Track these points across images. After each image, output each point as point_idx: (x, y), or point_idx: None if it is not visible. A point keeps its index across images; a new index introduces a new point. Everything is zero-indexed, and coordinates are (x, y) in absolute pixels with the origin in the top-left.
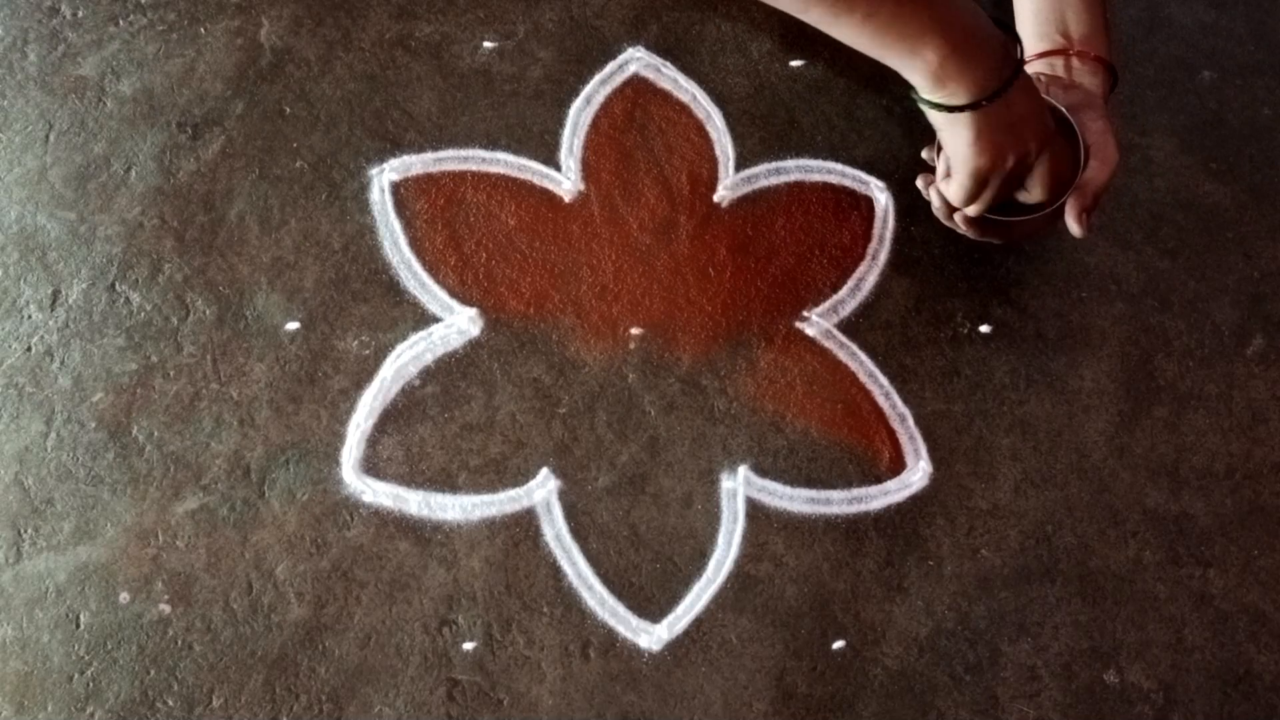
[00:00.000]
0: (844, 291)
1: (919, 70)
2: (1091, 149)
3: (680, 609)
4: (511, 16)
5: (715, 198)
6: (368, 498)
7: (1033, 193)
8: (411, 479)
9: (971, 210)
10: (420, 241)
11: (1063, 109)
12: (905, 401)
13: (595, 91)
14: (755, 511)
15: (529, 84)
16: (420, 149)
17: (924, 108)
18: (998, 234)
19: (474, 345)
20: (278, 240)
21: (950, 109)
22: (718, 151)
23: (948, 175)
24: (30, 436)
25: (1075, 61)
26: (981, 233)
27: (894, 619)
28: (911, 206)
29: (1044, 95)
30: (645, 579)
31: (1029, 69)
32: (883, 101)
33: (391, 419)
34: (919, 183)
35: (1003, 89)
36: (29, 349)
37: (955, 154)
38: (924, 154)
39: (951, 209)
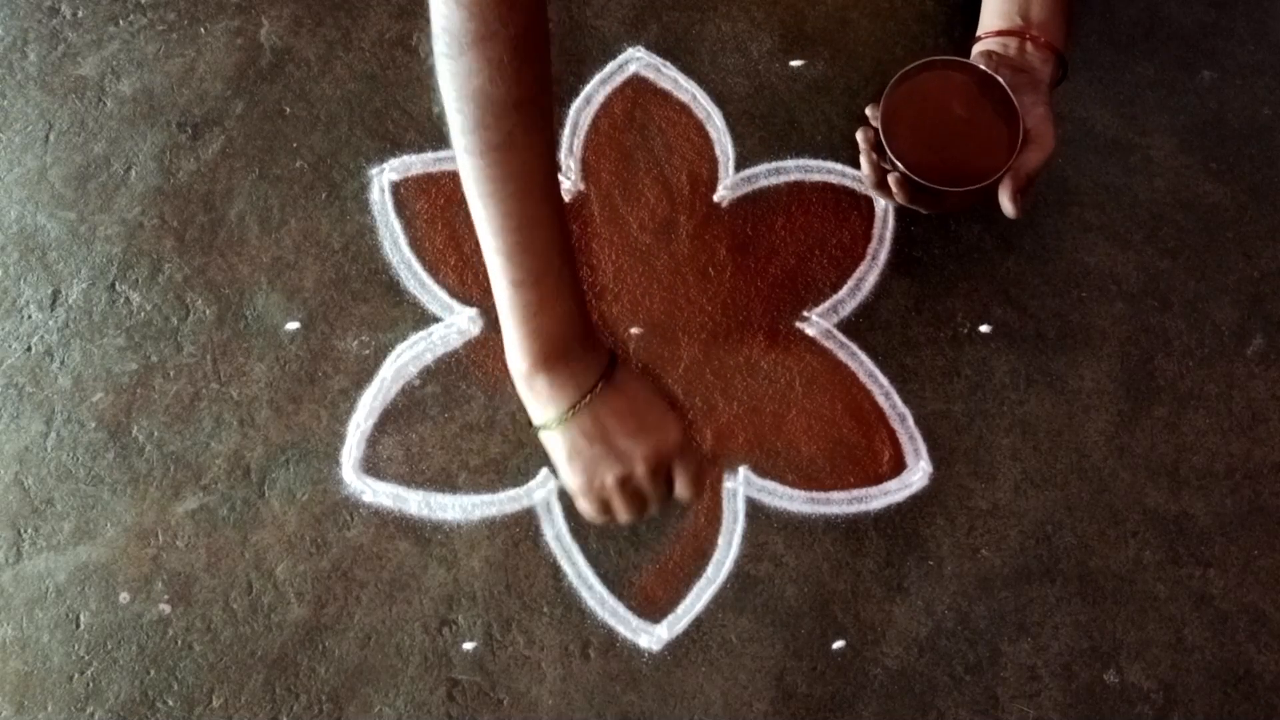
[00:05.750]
0: (844, 291)
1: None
2: (1030, 133)
3: (680, 609)
4: None
5: (715, 198)
6: (368, 498)
7: (680, 491)
8: (411, 479)
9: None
10: (420, 241)
11: (1007, 87)
12: (905, 401)
13: (595, 91)
14: (755, 511)
15: None
16: (420, 149)
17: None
18: (927, 203)
19: (474, 345)
20: (278, 240)
21: (537, 429)
22: (718, 151)
23: (879, 139)
24: (30, 436)
25: (1029, 45)
26: (911, 199)
27: (894, 619)
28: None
29: (992, 73)
30: (645, 579)
31: (983, 45)
32: None
33: (391, 419)
34: (858, 135)
35: (573, 407)
36: (29, 349)
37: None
38: (868, 110)
39: (881, 174)
